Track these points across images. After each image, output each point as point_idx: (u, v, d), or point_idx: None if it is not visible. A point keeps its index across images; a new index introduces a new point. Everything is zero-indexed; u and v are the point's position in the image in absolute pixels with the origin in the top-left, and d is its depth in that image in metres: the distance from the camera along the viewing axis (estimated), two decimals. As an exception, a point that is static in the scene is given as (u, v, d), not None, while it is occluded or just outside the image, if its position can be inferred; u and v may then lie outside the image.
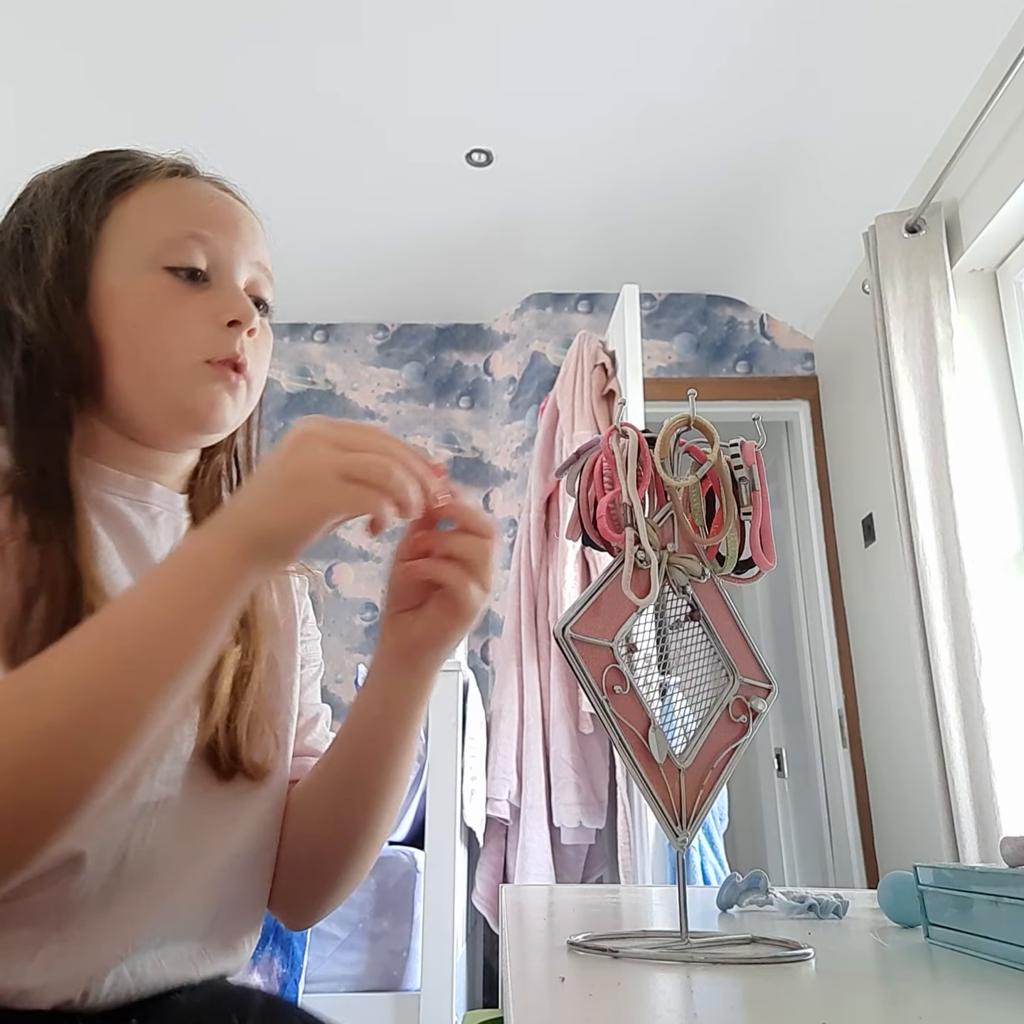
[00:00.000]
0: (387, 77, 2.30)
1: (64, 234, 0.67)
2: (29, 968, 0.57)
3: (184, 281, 0.67)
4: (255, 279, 0.73)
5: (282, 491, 0.52)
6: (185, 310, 0.67)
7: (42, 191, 0.71)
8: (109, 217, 0.68)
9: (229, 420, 0.70)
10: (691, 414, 0.58)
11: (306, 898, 0.76)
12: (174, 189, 0.71)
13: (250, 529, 0.52)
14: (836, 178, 2.56)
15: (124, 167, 0.71)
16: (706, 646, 0.57)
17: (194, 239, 0.68)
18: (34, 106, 2.33)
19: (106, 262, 0.67)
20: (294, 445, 0.53)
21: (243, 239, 0.72)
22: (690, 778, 0.52)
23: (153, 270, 0.67)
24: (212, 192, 0.73)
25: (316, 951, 1.92)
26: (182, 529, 0.74)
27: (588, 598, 0.52)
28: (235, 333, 0.68)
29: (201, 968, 0.67)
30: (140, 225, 0.68)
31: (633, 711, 0.51)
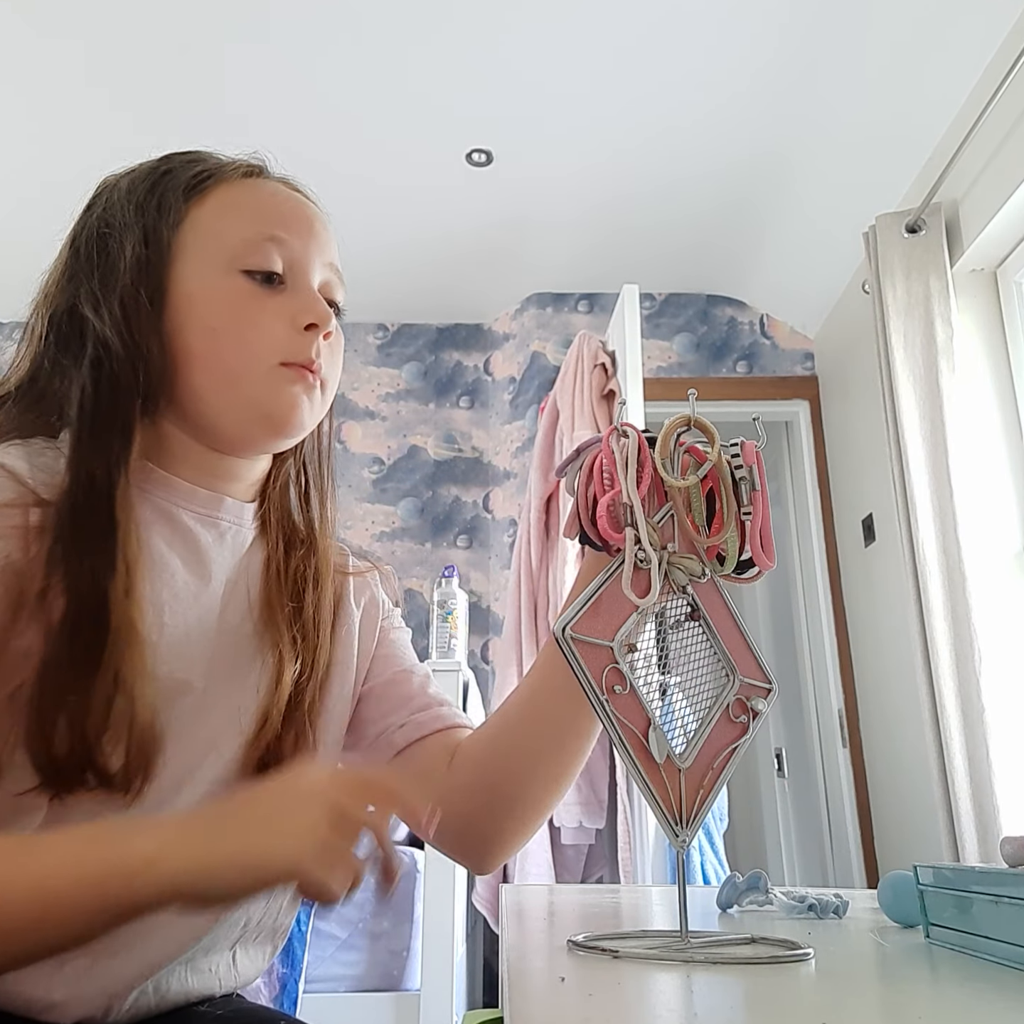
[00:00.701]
0: (387, 77, 2.30)
1: (142, 238, 0.67)
2: (56, 980, 0.57)
3: (261, 284, 0.67)
4: (328, 281, 0.72)
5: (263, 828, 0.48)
6: (264, 313, 0.66)
7: (116, 194, 0.69)
8: (187, 220, 0.68)
9: (307, 422, 0.69)
10: (691, 414, 0.58)
11: (500, 838, 0.74)
12: (249, 190, 0.70)
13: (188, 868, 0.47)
14: (836, 178, 2.56)
15: (199, 168, 0.70)
16: (706, 646, 0.57)
17: (271, 241, 0.68)
18: (41, 109, 2.33)
19: (183, 265, 0.67)
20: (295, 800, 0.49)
21: (318, 240, 0.71)
22: (690, 778, 0.52)
23: (230, 273, 0.66)
24: (286, 193, 0.73)
25: (316, 951, 1.92)
26: (247, 543, 0.72)
27: (588, 598, 0.52)
28: (312, 337, 0.68)
29: (225, 981, 0.68)
30: (217, 227, 0.68)
31: (633, 711, 0.51)
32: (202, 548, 0.68)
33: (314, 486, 0.79)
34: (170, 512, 0.67)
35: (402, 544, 3.22)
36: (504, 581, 3.04)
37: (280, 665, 0.68)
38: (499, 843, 0.74)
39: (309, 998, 1.48)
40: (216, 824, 0.49)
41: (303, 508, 0.77)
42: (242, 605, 0.69)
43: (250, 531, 0.73)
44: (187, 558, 0.67)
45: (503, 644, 2.61)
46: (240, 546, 0.71)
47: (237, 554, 0.71)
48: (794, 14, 2.08)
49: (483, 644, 3.05)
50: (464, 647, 2.36)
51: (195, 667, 0.65)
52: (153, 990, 0.62)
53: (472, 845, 0.75)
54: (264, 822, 0.48)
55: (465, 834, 0.74)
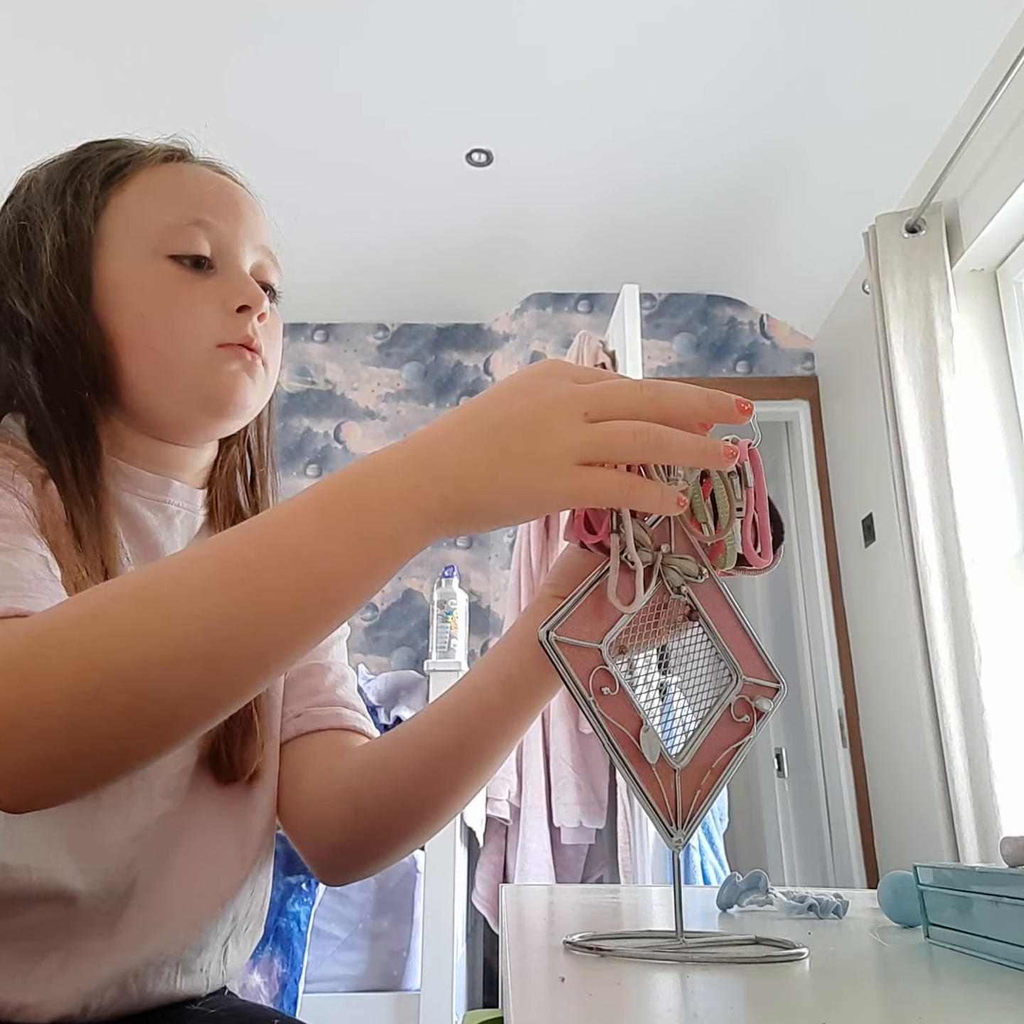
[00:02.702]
0: (387, 77, 2.30)
1: (61, 228, 0.65)
2: (29, 981, 0.56)
3: (189, 269, 0.65)
4: (260, 263, 0.71)
5: (500, 452, 0.43)
6: (193, 297, 0.65)
7: (35, 185, 0.68)
8: (107, 207, 0.66)
9: (250, 401, 0.68)
10: None
11: (365, 857, 0.69)
12: (171, 174, 0.69)
13: (447, 497, 0.44)
14: (836, 178, 2.56)
15: (118, 155, 0.68)
16: (706, 646, 0.57)
17: (196, 225, 0.66)
18: (39, 106, 2.33)
19: (108, 254, 0.65)
20: (533, 376, 0.45)
21: (246, 222, 0.70)
22: (686, 778, 0.52)
23: (157, 259, 0.65)
24: (210, 175, 0.71)
25: (316, 951, 1.92)
26: (196, 528, 0.72)
27: (574, 602, 0.52)
28: (246, 318, 0.66)
29: (213, 980, 0.67)
30: (140, 213, 0.66)
31: (623, 712, 0.51)
32: (148, 530, 0.67)
33: (259, 471, 0.78)
34: (117, 497, 0.66)
35: (402, 544, 3.22)
36: (504, 581, 3.04)
37: None
38: (361, 861, 0.69)
39: (309, 998, 1.48)
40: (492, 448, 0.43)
41: (248, 494, 0.77)
42: None
43: (200, 516, 0.72)
44: (135, 542, 0.66)
45: (503, 644, 2.61)
46: (190, 530, 0.71)
47: (185, 538, 0.70)
48: (794, 13, 2.07)
49: (483, 644, 3.05)
50: (464, 647, 2.36)
51: None
52: (137, 991, 0.61)
53: (332, 856, 0.70)
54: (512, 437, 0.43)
55: (326, 843, 0.69)
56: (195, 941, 0.64)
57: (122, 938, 0.60)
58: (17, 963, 0.56)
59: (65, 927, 0.58)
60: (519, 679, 0.61)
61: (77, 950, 0.58)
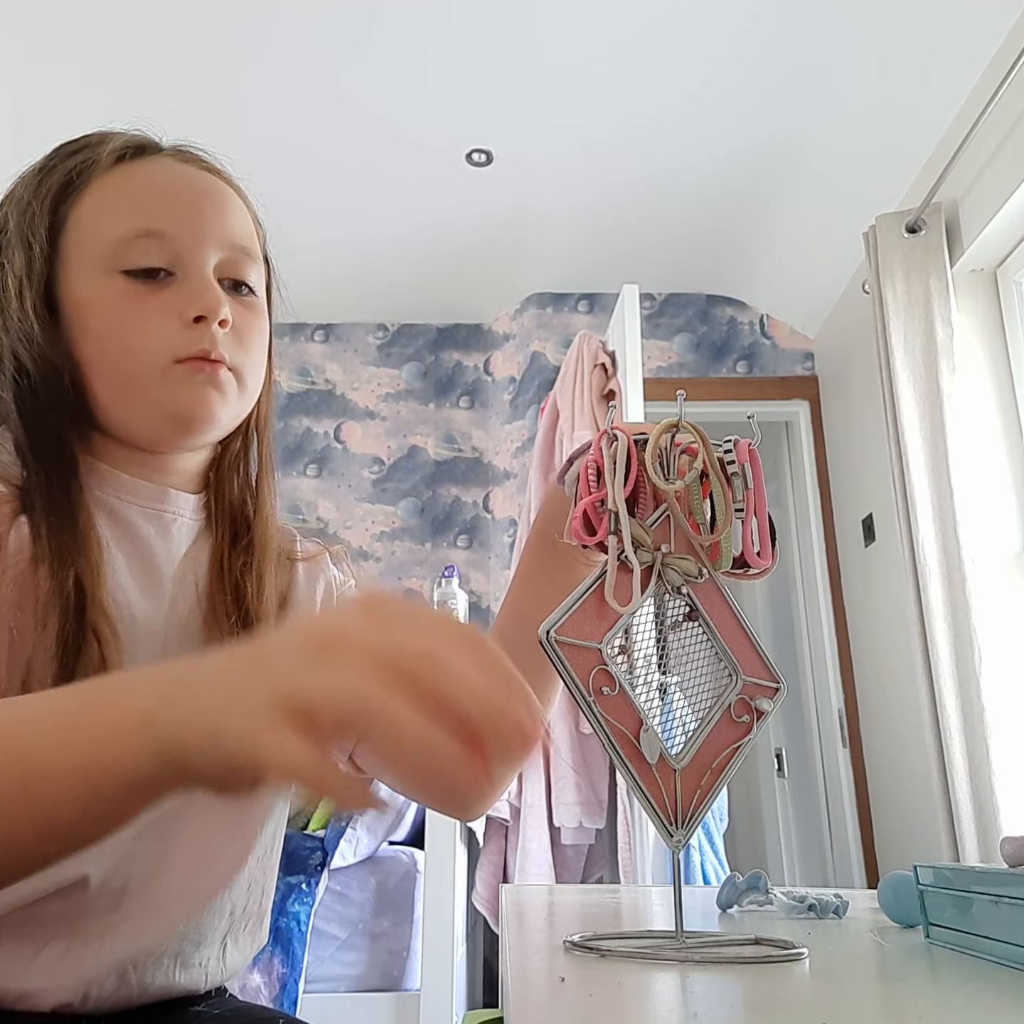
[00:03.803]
0: (387, 77, 2.30)
1: (19, 252, 0.64)
2: (31, 970, 0.57)
3: (142, 282, 0.63)
4: (230, 259, 0.67)
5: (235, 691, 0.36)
6: (146, 312, 0.63)
7: (9, 200, 0.67)
8: (65, 225, 0.64)
9: (219, 415, 0.66)
10: (679, 416, 0.57)
11: None
12: (123, 180, 0.66)
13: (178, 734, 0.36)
14: (836, 178, 2.56)
15: (74, 162, 0.66)
16: (706, 646, 0.57)
17: (147, 236, 0.63)
18: (41, 111, 2.33)
19: (68, 273, 0.64)
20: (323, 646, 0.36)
21: (206, 221, 0.66)
22: (686, 778, 0.52)
23: (109, 275, 0.63)
24: (165, 174, 0.67)
25: (316, 951, 1.92)
26: (192, 534, 0.71)
27: (573, 603, 0.52)
28: (203, 329, 0.64)
29: (212, 976, 0.67)
30: (92, 229, 0.64)
31: (623, 712, 0.51)
32: (144, 542, 0.67)
33: (259, 471, 0.77)
34: (113, 506, 0.66)
35: (402, 544, 3.22)
36: (504, 581, 3.04)
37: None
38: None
39: (309, 998, 1.48)
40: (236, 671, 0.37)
41: (249, 496, 0.75)
42: (191, 598, 0.68)
43: (194, 522, 0.71)
44: (131, 552, 0.66)
45: (503, 644, 2.61)
46: (187, 537, 0.70)
47: (183, 546, 0.70)
48: (794, 12, 2.07)
49: (483, 644, 3.05)
50: (464, 647, 2.35)
51: (140, 659, 0.64)
52: (136, 981, 0.61)
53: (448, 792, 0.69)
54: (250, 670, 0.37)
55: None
56: (193, 933, 0.65)
57: (123, 926, 0.60)
58: (20, 950, 0.57)
59: (70, 915, 0.59)
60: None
61: (79, 938, 0.59)
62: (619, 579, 0.53)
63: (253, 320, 0.69)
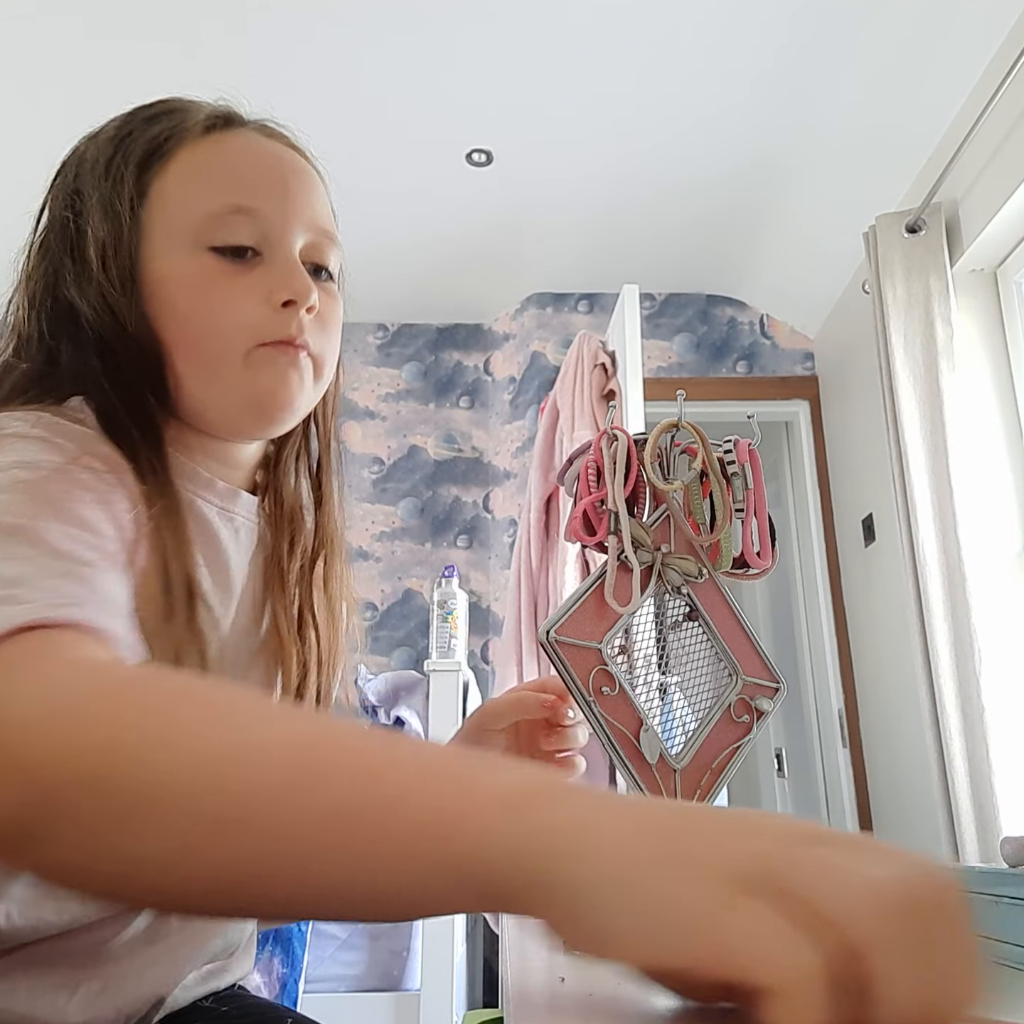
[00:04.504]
0: (387, 77, 2.30)
1: (103, 218, 0.61)
2: (72, 1004, 0.56)
3: (231, 261, 0.61)
4: (314, 243, 0.65)
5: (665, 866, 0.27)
6: (234, 293, 0.60)
7: (81, 164, 0.64)
8: (148, 195, 0.61)
9: (297, 402, 0.63)
10: (679, 417, 0.57)
11: None
12: (212, 151, 0.63)
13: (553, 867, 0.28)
14: (836, 178, 2.56)
15: (158, 129, 0.63)
16: (706, 646, 0.56)
17: (238, 212, 0.61)
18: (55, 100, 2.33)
19: (152, 246, 0.61)
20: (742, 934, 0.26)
21: (295, 201, 0.64)
22: (686, 778, 0.52)
23: (197, 251, 0.60)
24: (256, 148, 0.65)
25: (316, 951, 1.92)
26: (255, 538, 0.68)
27: (574, 603, 0.52)
28: (291, 313, 0.61)
29: (225, 979, 0.68)
30: (180, 200, 0.61)
31: (623, 712, 0.51)
32: (220, 542, 0.64)
33: (324, 476, 0.73)
34: (192, 502, 0.63)
35: (402, 544, 3.22)
36: (504, 581, 3.04)
37: (285, 666, 0.66)
38: None
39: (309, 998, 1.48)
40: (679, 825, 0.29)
41: (313, 492, 0.73)
42: (249, 605, 0.67)
43: (255, 525, 0.69)
44: (208, 554, 0.63)
45: (503, 644, 2.61)
46: (251, 543, 0.68)
47: (247, 551, 0.67)
48: (795, 15, 2.07)
49: (483, 644, 3.05)
50: (464, 647, 2.35)
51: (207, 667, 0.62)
52: (172, 1000, 0.62)
53: None
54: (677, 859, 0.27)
55: None
56: (219, 952, 0.65)
57: (158, 956, 0.60)
58: (60, 988, 0.56)
59: (101, 949, 0.58)
60: None
61: (115, 972, 0.58)
62: (619, 579, 0.53)
63: (334, 306, 0.68)
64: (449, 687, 2.06)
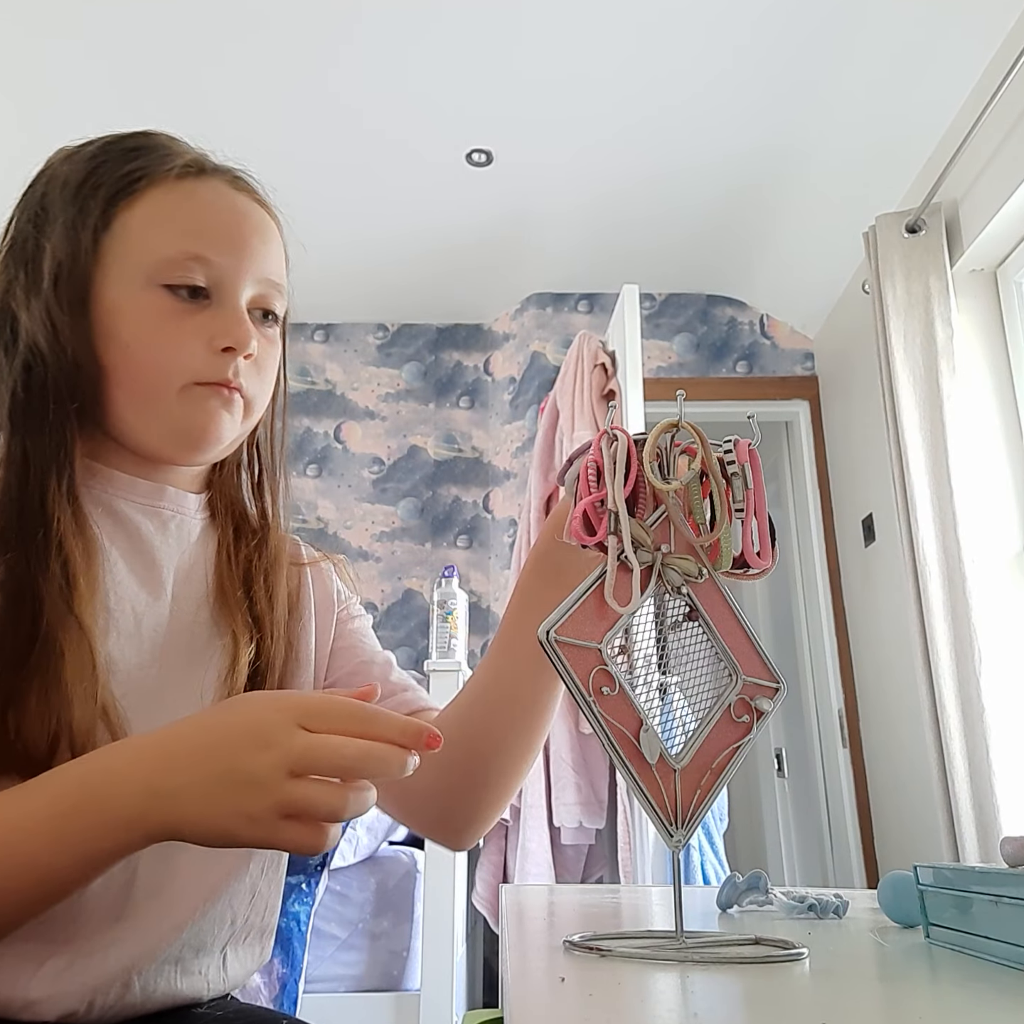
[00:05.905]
0: (387, 77, 2.30)
1: (64, 240, 0.64)
2: (35, 980, 0.57)
3: (183, 300, 0.65)
4: (263, 294, 0.69)
5: (217, 801, 0.48)
6: (181, 332, 0.64)
7: (52, 183, 0.67)
8: (112, 227, 0.65)
9: (225, 436, 0.68)
10: (679, 417, 0.57)
11: (476, 814, 0.76)
12: (182, 198, 0.66)
13: (166, 823, 0.49)
14: (836, 178, 2.56)
15: (133, 165, 0.66)
16: (706, 646, 0.56)
17: (195, 260, 0.65)
18: (44, 107, 2.33)
19: (107, 275, 0.64)
20: (262, 726, 0.49)
21: (252, 256, 0.68)
22: (686, 778, 0.52)
23: (151, 287, 0.64)
24: (221, 203, 0.68)
25: (316, 951, 1.92)
26: (195, 532, 0.73)
27: (573, 602, 0.52)
28: (229, 359, 0.66)
29: (214, 985, 0.67)
30: (142, 239, 0.65)
31: (623, 712, 0.51)
32: (143, 537, 0.68)
33: (267, 475, 0.78)
34: (110, 503, 0.67)
35: (402, 544, 3.22)
36: (504, 581, 3.04)
37: (235, 649, 0.68)
38: (475, 819, 0.76)
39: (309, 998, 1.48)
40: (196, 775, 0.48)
41: (255, 496, 0.77)
42: (198, 593, 0.70)
43: (197, 520, 0.73)
44: (128, 548, 0.67)
45: (503, 644, 2.61)
46: (187, 535, 0.72)
47: (184, 543, 0.71)
48: (794, 16, 2.07)
49: (483, 644, 3.05)
50: (464, 647, 2.36)
51: (146, 651, 0.65)
52: (140, 989, 0.61)
53: (449, 823, 0.77)
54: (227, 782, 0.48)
55: (442, 812, 0.76)
56: (193, 939, 0.65)
57: (126, 934, 0.61)
58: (25, 960, 0.57)
59: (73, 923, 0.59)
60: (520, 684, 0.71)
61: (83, 946, 0.59)
62: (619, 579, 0.53)
63: (272, 351, 0.73)
64: (449, 687, 2.06)
